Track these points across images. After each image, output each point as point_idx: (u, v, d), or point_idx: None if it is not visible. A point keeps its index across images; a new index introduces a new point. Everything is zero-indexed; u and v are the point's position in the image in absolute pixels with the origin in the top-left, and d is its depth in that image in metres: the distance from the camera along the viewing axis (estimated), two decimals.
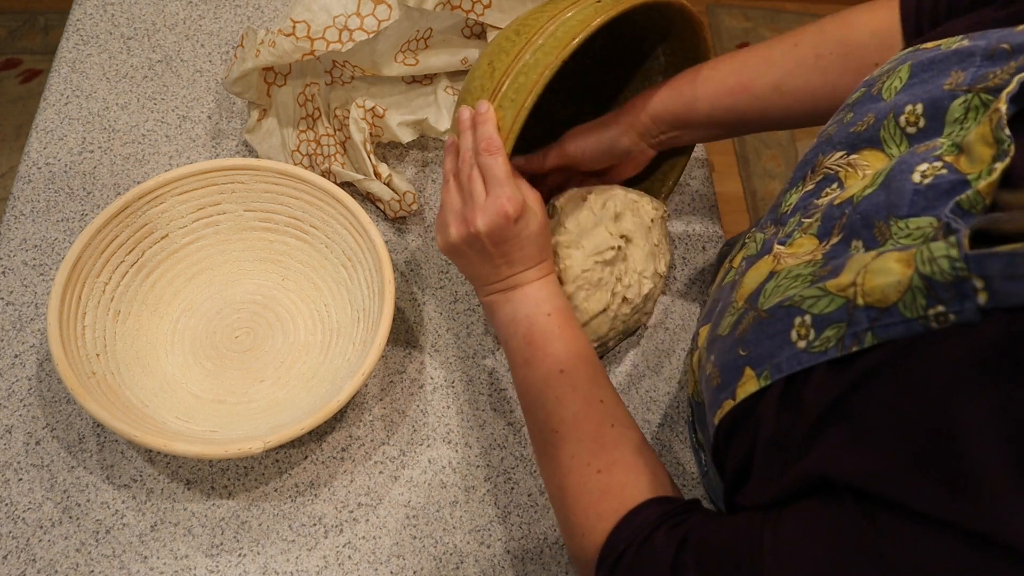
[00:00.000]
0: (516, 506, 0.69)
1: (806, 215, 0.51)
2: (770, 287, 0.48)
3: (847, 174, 0.50)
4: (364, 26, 0.75)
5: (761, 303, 0.48)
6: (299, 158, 0.81)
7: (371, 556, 0.66)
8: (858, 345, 0.40)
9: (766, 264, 0.51)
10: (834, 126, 0.53)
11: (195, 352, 0.73)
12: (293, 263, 0.77)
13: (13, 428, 0.69)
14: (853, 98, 0.53)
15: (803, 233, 0.50)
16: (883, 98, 0.50)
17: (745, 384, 0.46)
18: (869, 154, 0.50)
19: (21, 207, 0.81)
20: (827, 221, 0.48)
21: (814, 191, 0.52)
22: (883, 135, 0.49)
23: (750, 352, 0.46)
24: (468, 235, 0.62)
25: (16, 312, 0.75)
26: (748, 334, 0.47)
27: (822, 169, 0.52)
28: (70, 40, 0.92)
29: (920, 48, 0.51)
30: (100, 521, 0.66)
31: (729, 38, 2.32)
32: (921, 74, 0.49)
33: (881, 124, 0.49)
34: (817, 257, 0.47)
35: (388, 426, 0.72)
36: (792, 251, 0.50)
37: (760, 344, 0.46)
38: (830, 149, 0.52)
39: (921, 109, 0.47)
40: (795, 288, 0.46)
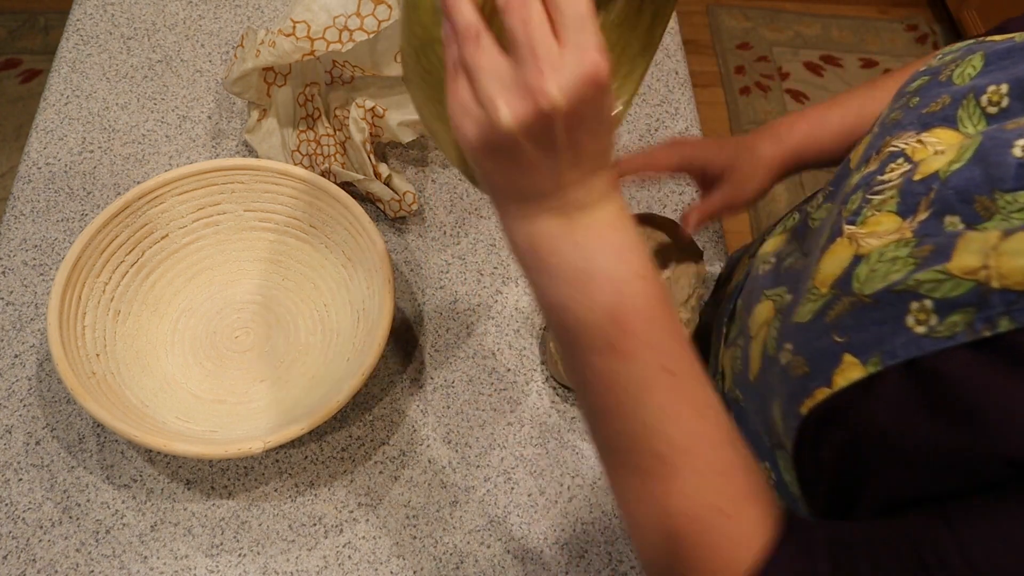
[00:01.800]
0: (516, 506, 0.69)
1: (871, 192, 0.49)
2: (862, 272, 0.46)
3: (915, 150, 0.49)
4: (364, 26, 0.75)
5: (858, 288, 0.45)
6: (299, 158, 0.81)
7: (371, 556, 0.66)
8: (990, 330, 0.38)
9: (843, 248, 0.48)
10: (899, 112, 0.53)
11: (195, 352, 0.73)
12: (293, 263, 0.77)
13: (13, 428, 0.69)
14: (914, 86, 0.54)
15: (876, 210, 0.48)
16: (955, 83, 0.50)
17: (845, 371, 0.44)
18: (941, 132, 0.49)
19: (21, 207, 0.81)
20: (908, 197, 0.46)
21: (878, 169, 0.51)
22: (960, 114, 0.49)
23: (849, 338, 0.44)
24: (535, 113, 0.38)
25: (16, 312, 0.75)
26: (846, 320, 0.45)
27: (886, 150, 0.51)
28: (70, 40, 0.92)
29: (985, 41, 0.52)
30: (100, 521, 0.66)
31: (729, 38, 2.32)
32: (999, 62, 0.49)
33: (959, 104, 0.49)
34: (906, 235, 0.45)
35: (388, 426, 0.72)
36: (869, 230, 0.48)
37: (864, 330, 0.44)
38: (899, 131, 0.52)
39: (1006, 89, 0.47)
40: (898, 271, 0.44)
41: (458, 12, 0.39)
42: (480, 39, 0.39)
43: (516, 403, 0.73)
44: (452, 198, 0.84)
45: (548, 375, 0.75)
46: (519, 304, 0.78)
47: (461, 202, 0.84)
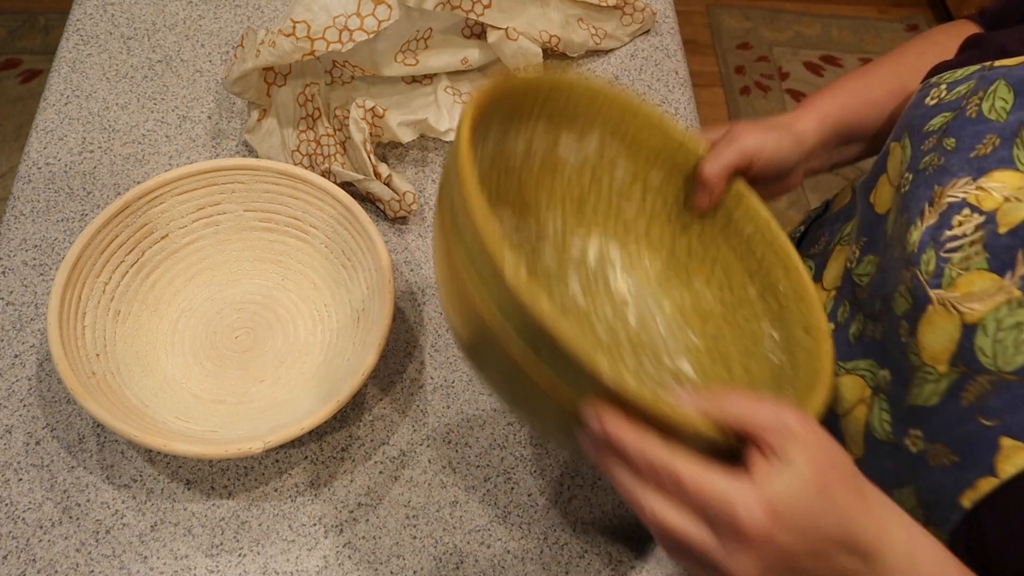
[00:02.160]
0: (516, 506, 0.69)
1: (944, 250, 0.47)
2: (986, 345, 0.42)
3: (979, 198, 0.47)
4: (364, 26, 0.75)
5: (991, 364, 0.42)
6: (299, 158, 0.82)
7: (371, 556, 0.66)
8: None
9: (941, 317, 0.45)
10: (936, 156, 0.50)
11: (195, 352, 0.73)
12: (293, 263, 0.77)
13: (13, 428, 0.69)
14: (937, 124, 0.52)
15: (961, 270, 0.45)
16: (991, 119, 0.49)
17: (1011, 457, 0.40)
18: (1001, 175, 0.47)
19: (21, 207, 0.81)
20: (999, 252, 0.44)
21: (939, 223, 0.48)
22: (1016, 154, 0.47)
23: (1002, 420, 0.41)
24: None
25: (16, 312, 0.75)
26: (992, 401, 0.41)
27: (944, 200, 0.48)
28: (70, 40, 0.92)
29: (996, 67, 0.50)
30: (100, 521, 0.66)
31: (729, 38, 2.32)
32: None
33: (1012, 143, 0.47)
34: (1015, 294, 0.42)
35: (388, 426, 0.72)
36: (963, 293, 0.44)
37: (1019, 410, 0.40)
38: (948, 178, 0.49)
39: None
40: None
41: (641, 449, 0.36)
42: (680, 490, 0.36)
43: None
44: None
45: None
46: None
47: None
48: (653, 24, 0.98)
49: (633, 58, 0.96)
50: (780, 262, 0.55)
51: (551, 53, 0.92)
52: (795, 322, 0.52)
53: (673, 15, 1.00)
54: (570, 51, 0.91)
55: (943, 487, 0.43)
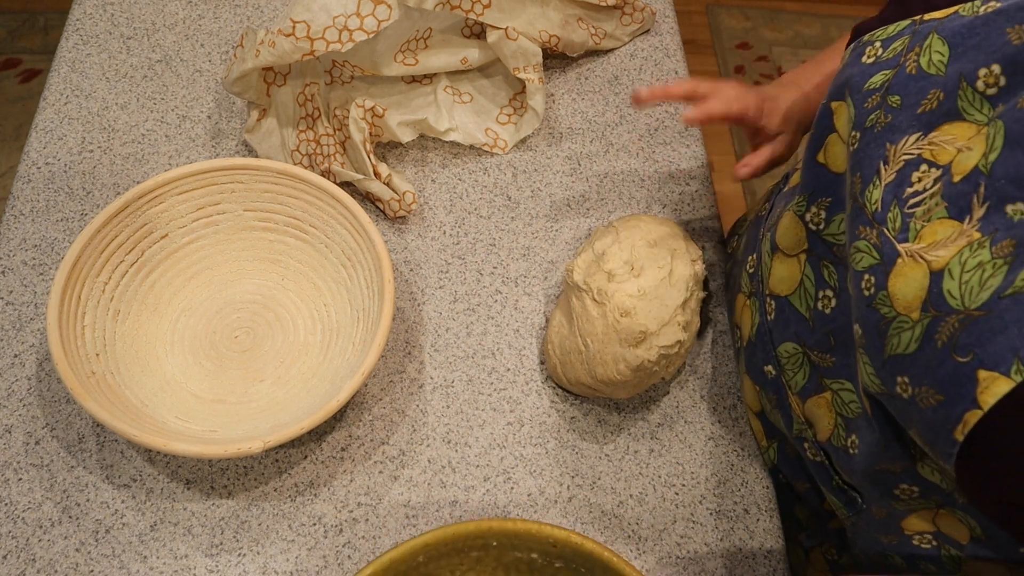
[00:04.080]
0: (516, 506, 0.69)
1: (909, 207, 0.49)
2: (952, 287, 0.45)
3: (934, 152, 0.49)
4: (364, 26, 0.75)
5: (958, 305, 0.44)
6: (299, 158, 0.81)
7: (371, 556, 0.66)
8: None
9: (910, 268, 0.48)
10: (884, 114, 0.52)
11: (195, 352, 0.73)
12: (293, 263, 0.77)
13: (13, 428, 0.69)
14: (877, 81, 0.53)
15: (924, 222, 0.48)
16: (931, 73, 0.50)
17: (990, 387, 0.42)
18: (951, 127, 0.49)
19: (21, 207, 0.81)
20: (954, 199, 0.47)
21: (899, 180, 0.50)
22: (961, 105, 0.49)
23: (975, 355, 0.43)
24: None
25: (16, 312, 0.75)
26: (962, 339, 0.44)
27: (899, 158, 0.51)
28: (70, 40, 0.92)
29: (925, 20, 0.53)
30: (100, 521, 0.66)
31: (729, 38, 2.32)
32: (965, 41, 0.49)
33: (955, 95, 0.49)
34: (974, 236, 0.45)
35: (388, 426, 0.72)
36: (928, 243, 0.47)
37: (988, 343, 0.42)
38: (899, 135, 0.51)
39: (999, 69, 0.47)
40: (993, 276, 0.43)
41: None
42: None
43: (516, 403, 0.73)
44: (452, 198, 0.84)
45: (547, 376, 0.75)
46: (519, 304, 0.78)
47: (461, 202, 0.84)
48: (653, 24, 0.98)
49: (633, 58, 0.96)
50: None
51: (551, 53, 0.92)
52: None
53: (673, 15, 1.00)
54: (570, 51, 0.91)
55: (937, 425, 0.45)
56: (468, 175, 0.86)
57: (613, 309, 0.67)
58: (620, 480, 0.70)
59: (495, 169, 0.87)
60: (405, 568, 0.57)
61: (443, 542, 0.58)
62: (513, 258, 0.81)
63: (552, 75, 0.93)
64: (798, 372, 0.64)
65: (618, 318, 0.67)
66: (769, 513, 0.70)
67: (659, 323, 0.67)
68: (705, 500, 0.70)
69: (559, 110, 0.91)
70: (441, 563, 0.59)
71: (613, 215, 0.84)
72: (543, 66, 0.85)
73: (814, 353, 0.61)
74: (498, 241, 0.82)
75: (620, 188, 0.86)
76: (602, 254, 0.71)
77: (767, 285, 0.67)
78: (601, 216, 0.84)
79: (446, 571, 0.60)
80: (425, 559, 0.58)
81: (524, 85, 0.88)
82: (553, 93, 0.92)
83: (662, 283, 0.69)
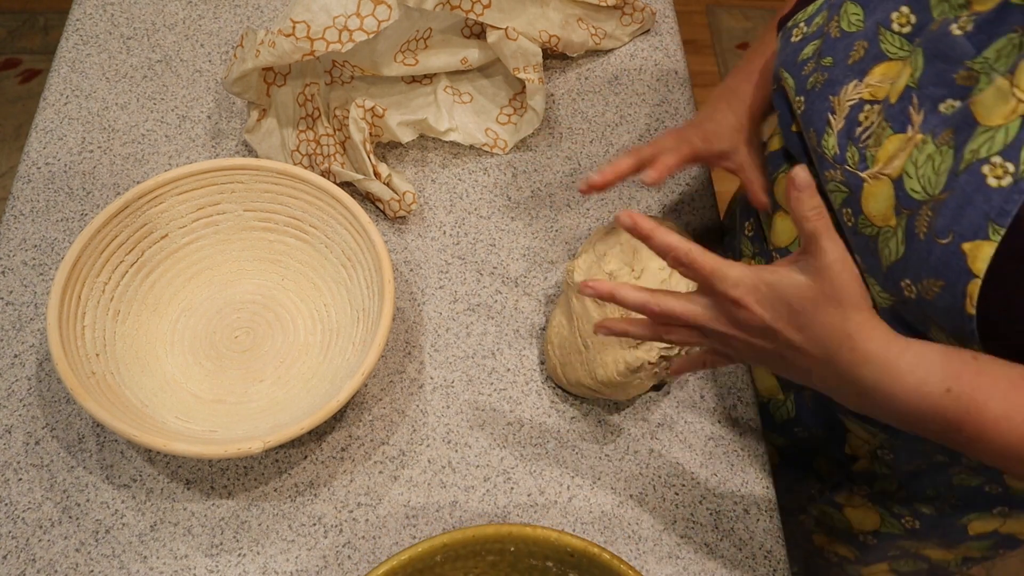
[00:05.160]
0: (516, 506, 0.69)
1: (862, 142, 0.55)
2: (914, 185, 0.50)
3: (873, 92, 0.55)
4: (364, 26, 0.75)
5: (924, 197, 0.49)
6: (299, 158, 0.82)
7: (371, 556, 0.66)
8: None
9: (877, 186, 0.53)
10: (820, 74, 0.59)
11: (195, 352, 0.73)
12: (293, 263, 0.77)
13: (13, 428, 0.69)
14: (809, 51, 0.61)
15: (876, 146, 0.53)
16: (852, 31, 0.58)
17: (977, 255, 0.46)
18: (880, 68, 0.56)
19: (21, 207, 0.81)
20: (895, 117, 0.53)
21: (848, 125, 0.56)
22: (884, 48, 0.56)
23: (953, 234, 0.47)
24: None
25: (16, 312, 0.75)
26: (936, 224, 0.48)
27: (844, 105, 0.57)
28: (70, 40, 0.92)
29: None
30: (100, 521, 0.66)
31: (729, 38, 2.32)
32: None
33: (877, 40, 0.56)
34: (918, 137, 0.51)
35: (388, 426, 0.72)
36: (884, 162, 0.53)
37: (960, 217, 0.46)
38: (838, 87, 0.57)
39: (907, 9, 0.55)
40: (945, 161, 0.48)
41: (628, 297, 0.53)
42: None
43: (516, 403, 0.73)
44: (452, 198, 0.84)
45: (547, 376, 0.75)
46: (519, 304, 0.78)
47: (461, 202, 0.84)
48: (653, 24, 0.98)
49: (633, 58, 0.96)
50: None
51: (551, 53, 0.92)
52: None
53: (673, 15, 1.00)
54: (570, 51, 0.91)
55: (949, 309, 0.48)
56: (468, 175, 0.86)
57: (614, 310, 0.68)
58: (620, 480, 0.70)
59: (495, 169, 0.87)
60: (422, 567, 0.57)
61: (462, 544, 0.58)
62: (513, 258, 0.81)
63: (552, 75, 0.93)
64: None
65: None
66: (769, 513, 0.70)
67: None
68: (705, 500, 0.70)
69: (559, 110, 0.91)
70: (456, 565, 0.59)
71: (613, 215, 0.84)
72: (543, 66, 0.85)
73: None
74: (498, 241, 0.82)
75: (620, 188, 0.86)
76: (603, 255, 0.71)
77: (770, 242, 0.71)
78: (601, 216, 0.84)
79: (460, 573, 0.60)
80: (442, 559, 0.58)
81: (524, 85, 0.88)
82: (553, 93, 0.92)
83: (663, 285, 0.69)
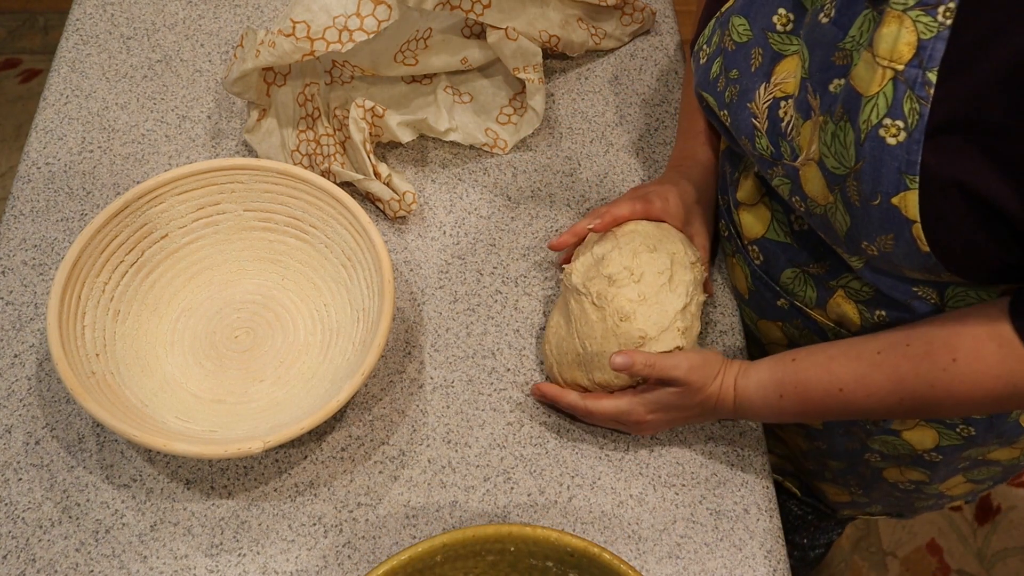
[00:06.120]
0: (516, 506, 0.69)
1: (788, 136, 0.61)
2: (830, 162, 0.56)
3: (782, 88, 0.61)
4: (364, 26, 0.75)
5: (845, 171, 0.55)
6: (299, 158, 0.82)
7: (371, 556, 0.66)
8: (928, 89, 0.50)
9: (809, 171, 0.59)
10: (733, 86, 0.65)
11: (195, 352, 0.73)
12: (292, 263, 0.77)
13: (13, 428, 0.69)
14: (715, 70, 0.67)
15: (798, 135, 0.60)
16: (744, 42, 0.64)
17: (907, 204, 0.52)
18: (780, 66, 0.62)
19: (21, 207, 0.81)
20: (801, 106, 0.59)
21: (772, 123, 0.62)
22: (776, 48, 0.62)
23: (880, 192, 0.53)
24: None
25: (16, 312, 0.75)
26: (863, 190, 0.54)
27: (763, 108, 0.63)
28: (70, 40, 0.92)
29: (723, 11, 0.67)
30: (100, 521, 0.66)
31: None
32: (752, 6, 0.64)
33: (767, 43, 0.63)
34: (820, 119, 0.57)
35: (388, 426, 0.72)
36: (806, 147, 0.59)
37: (879, 178, 0.53)
38: (751, 94, 0.64)
39: (784, 10, 0.62)
40: (847, 132, 0.54)
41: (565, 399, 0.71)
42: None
43: (516, 403, 0.73)
44: (452, 198, 0.84)
45: (547, 377, 0.75)
46: (519, 304, 0.79)
47: (461, 202, 0.84)
48: (653, 24, 0.98)
49: (633, 58, 0.96)
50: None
51: (551, 53, 0.92)
52: None
53: (673, 15, 1.00)
54: (570, 51, 0.91)
55: (909, 254, 0.55)
56: (468, 175, 0.86)
57: (613, 313, 0.67)
58: (620, 480, 0.70)
59: (495, 169, 0.87)
60: (422, 567, 0.57)
61: (462, 544, 0.58)
62: (513, 258, 0.81)
63: (552, 75, 0.93)
64: (806, 289, 0.71)
65: (617, 323, 0.67)
66: (769, 513, 0.70)
67: (659, 328, 0.67)
68: (705, 500, 0.70)
69: (559, 110, 0.91)
70: (456, 564, 0.59)
71: None
72: (543, 66, 0.85)
73: (811, 267, 0.69)
74: (498, 241, 0.82)
75: (620, 188, 0.86)
76: (601, 258, 0.70)
77: (744, 237, 0.74)
78: None
79: (460, 573, 0.60)
80: (442, 559, 0.58)
81: (524, 85, 0.88)
82: (553, 93, 0.92)
83: (662, 288, 0.69)
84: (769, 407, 0.66)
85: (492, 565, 0.60)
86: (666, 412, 0.68)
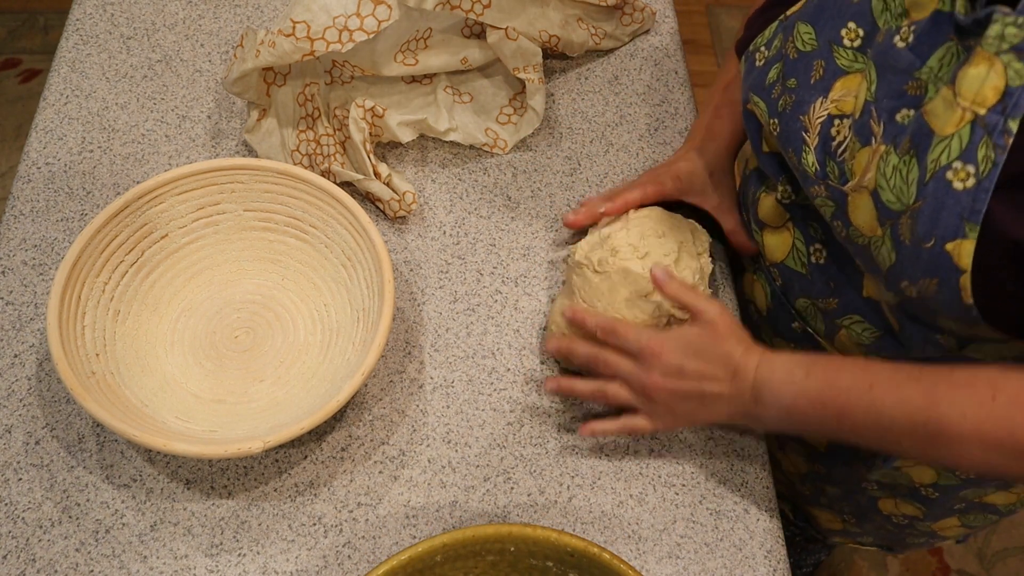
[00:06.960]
0: (516, 506, 0.69)
1: (839, 156, 0.58)
2: (890, 197, 0.54)
3: (839, 106, 0.59)
4: (364, 26, 0.75)
5: (901, 207, 0.53)
6: (299, 158, 0.82)
7: (371, 556, 0.66)
8: (1007, 139, 0.47)
9: (859, 199, 0.56)
10: (788, 96, 0.63)
11: (195, 352, 0.73)
12: (292, 263, 0.77)
13: (13, 428, 0.69)
14: (773, 75, 0.64)
15: (851, 159, 0.57)
16: (808, 51, 0.61)
17: (960, 253, 0.50)
18: (840, 83, 0.59)
19: (21, 207, 0.81)
20: (861, 130, 0.57)
21: (822, 140, 0.60)
22: (841, 64, 0.59)
23: (935, 235, 0.51)
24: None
25: (16, 312, 0.75)
26: (917, 230, 0.52)
27: (815, 123, 0.60)
28: (70, 40, 0.92)
29: (789, 15, 0.65)
30: (100, 521, 0.66)
31: (729, 38, 2.32)
32: (822, 15, 0.61)
33: (831, 58, 0.60)
34: (881, 149, 0.54)
35: (388, 426, 0.72)
36: (859, 174, 0.56)
37: (937, 221, 0.50)
38: (806, 107, 0.61)
39: (855, 24, 0.59)
40: (911, 171, 0.52)
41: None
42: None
43: (516, 403, 0.73)
44: (452, 198, 0.84)
45: (547, 377, 0.75)
46: (519, 304, 0.79)
47: (461, 202, 0.84)
48: (653, 24, 0.98)
49: (633, 58, 0.96)
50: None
51: (551, 53, 0.92)
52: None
53: (673, 15, 1.00)
54: (569, 51, 0.91)
55: (950, 303, 0.53)
56: (468, 175, 0.86)
57: (617, 271, 0.68)
58: (620, 480, 0.70)
59: (495, 169, 0.87)
60: (422, 567, 0.57)
61: (462, 544, 0.58)
62: (513, 258, 0.81)
63: (552, 75, 0.93)
64: (817, 320, 0.71)
65: (623, 277, 0.68)
66: (769, 513, 0.70)
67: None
68: (705, 500, 0.70)
69: (559, 110, 0.91)
70: (456, 564, 0.59)
71: None
72: (543, 66, 0.85)
73: (820, 301, 0.69)
74: (498, 241, 0.82)
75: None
76: (607, 237, 0.71)
77: (765, 258, 0.74)
78: None
79: (460, 573, 0.60)
80: (442, 559, 0.58)
81: (524, 85, 0.88)
82: (553, 93, 0.92)
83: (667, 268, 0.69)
84: (792, 383, 0.60)
85: (492, 565, 0.60)
86: (685, 357, 0.63)
